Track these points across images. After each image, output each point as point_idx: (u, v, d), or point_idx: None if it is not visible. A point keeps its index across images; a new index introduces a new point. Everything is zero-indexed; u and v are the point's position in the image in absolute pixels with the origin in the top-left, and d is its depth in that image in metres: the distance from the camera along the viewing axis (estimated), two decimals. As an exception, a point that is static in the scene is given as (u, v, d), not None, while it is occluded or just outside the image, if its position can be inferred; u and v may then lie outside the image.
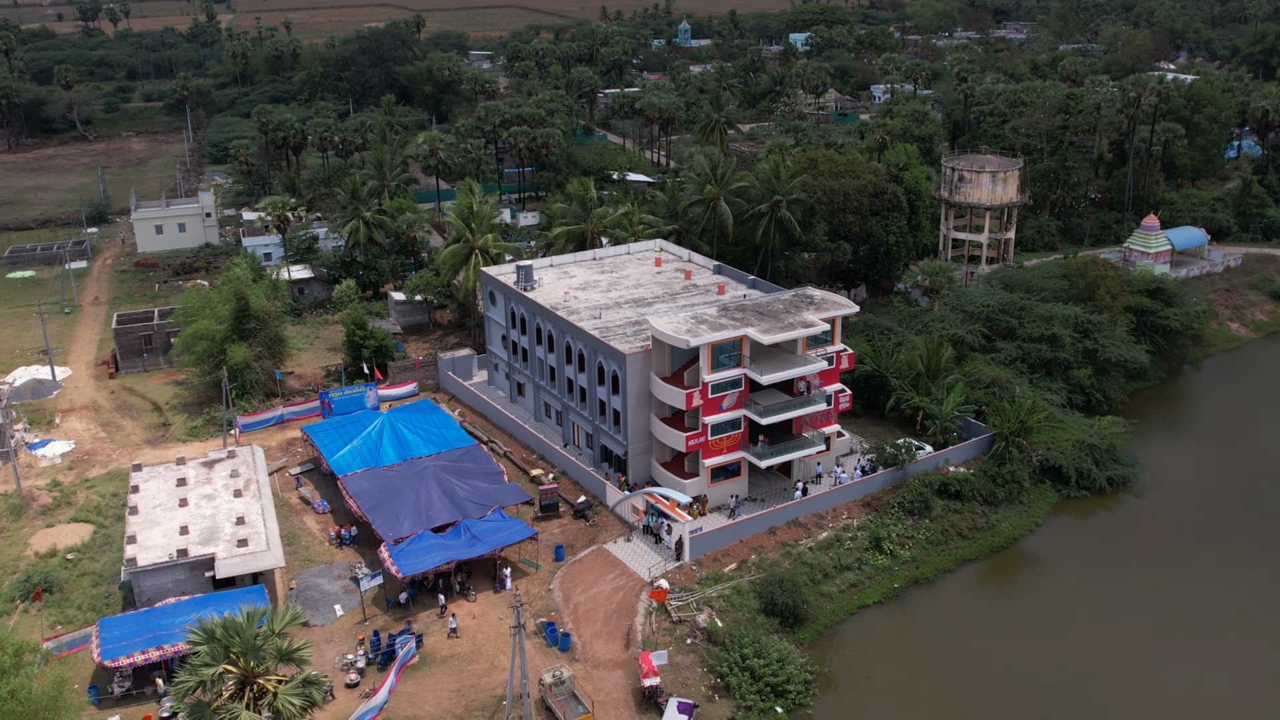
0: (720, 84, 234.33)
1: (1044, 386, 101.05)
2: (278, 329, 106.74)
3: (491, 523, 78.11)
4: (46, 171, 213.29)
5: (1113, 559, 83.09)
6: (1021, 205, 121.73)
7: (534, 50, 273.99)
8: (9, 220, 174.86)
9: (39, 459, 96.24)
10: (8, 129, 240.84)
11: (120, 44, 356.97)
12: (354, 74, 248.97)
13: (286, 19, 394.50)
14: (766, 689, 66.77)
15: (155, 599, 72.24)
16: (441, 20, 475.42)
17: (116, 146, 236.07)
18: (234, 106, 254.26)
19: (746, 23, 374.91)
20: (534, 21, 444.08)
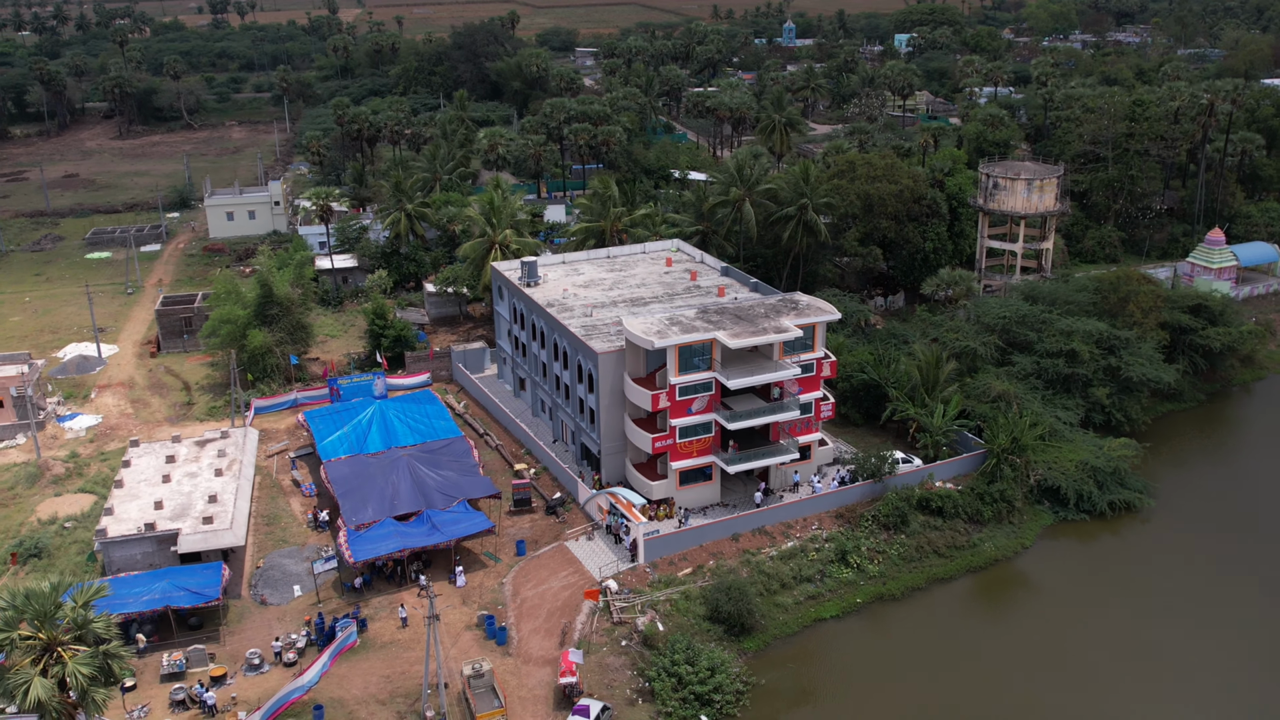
0: (808, 84, 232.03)
1: (1059, 404, 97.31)
2: (300, 316, 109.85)
3: (454, 514, 79.16)
4: (148, 158, 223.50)
5: (1097, 588, 79.56)
6: (1059, 214, 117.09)
7: (628, 48, 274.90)
8: (100, 203, 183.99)
9: (66, 431, 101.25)
10: (121, 117, 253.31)
11: (242, 36, 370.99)
12: (446, 69, 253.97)
13: (399, 15, 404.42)
14: (691, 697, 66.08)
15: (125, 569, 75.55)
16: (557, 16, 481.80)
17: (218, 135, 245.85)
18: (333, 99, 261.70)
19: (856, 23, 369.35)
20: (650, 19, 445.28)
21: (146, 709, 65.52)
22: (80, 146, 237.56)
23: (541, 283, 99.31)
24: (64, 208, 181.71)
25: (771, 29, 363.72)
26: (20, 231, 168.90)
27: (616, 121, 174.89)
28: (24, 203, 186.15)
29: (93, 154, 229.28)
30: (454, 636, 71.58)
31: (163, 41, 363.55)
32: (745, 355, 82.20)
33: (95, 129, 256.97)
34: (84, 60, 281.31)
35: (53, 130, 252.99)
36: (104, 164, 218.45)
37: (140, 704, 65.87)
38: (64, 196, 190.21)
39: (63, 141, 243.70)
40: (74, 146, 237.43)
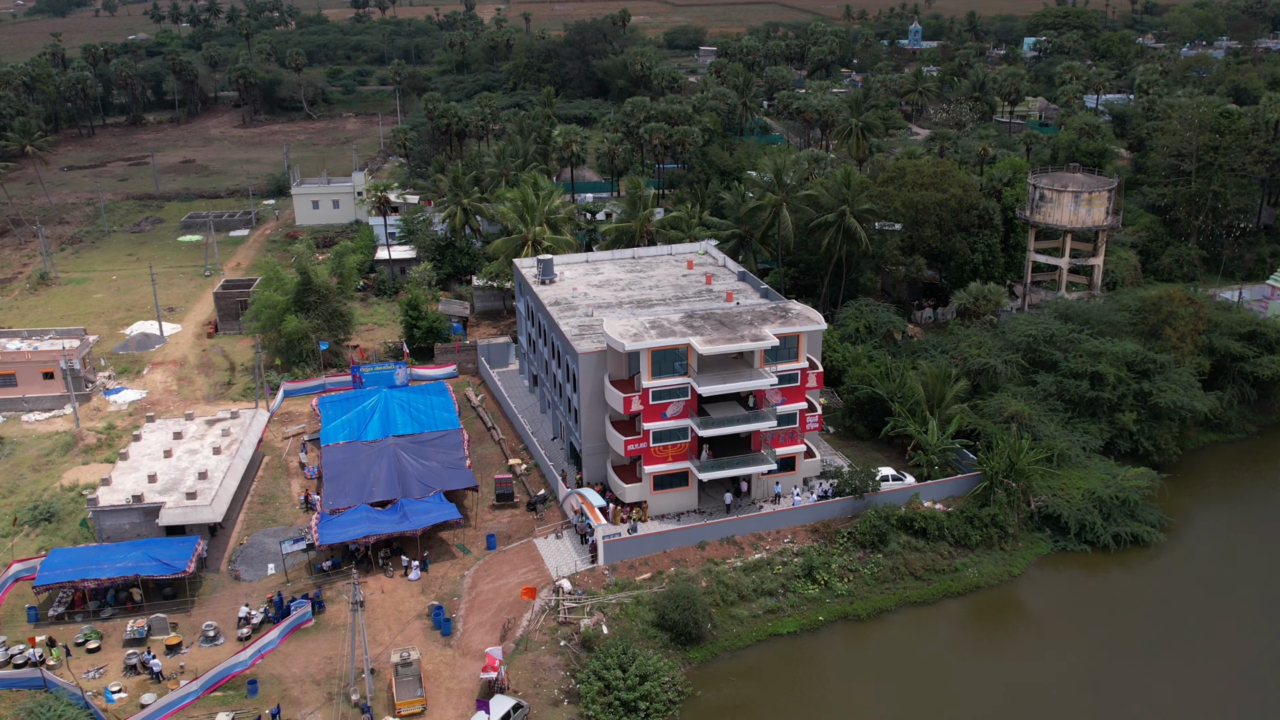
0: (915, 87, 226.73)
1: (1080, 428, 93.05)
2: (337, 304, 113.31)
3: (427, 504, 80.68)
4: (264, 146, 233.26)
5: (1078, 623, 75.97)
6: (1110, 229, 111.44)
7: (740, 48, 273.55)
8: (205, 188, 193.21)
9: (110, 404, 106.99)
10: (247, 107, 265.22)
11: (378, 31, 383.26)
12: (555, 66, 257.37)
13: (528, 11, 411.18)
14: (617, 703, 65.83)
15: (115, 537, 79.58)
16: (694, 15, 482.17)
17: (333, 126, 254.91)
18: (448, 93, 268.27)
19: (990, 25, 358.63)
20: (787, 19, 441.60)
21: (102, 670, 68.94)
22: (205, 134, 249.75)
23: (557, 281, 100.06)
24: (171, 192, 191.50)
25: (899, 30, 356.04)
26: (127, 213, 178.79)
27: (697, 122, 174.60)
28: (138, 186, 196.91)
29: (214, 141, 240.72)
30: (403, 624, 73.05)
31: (303, 34, 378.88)
32: (727, 362, 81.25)
33: (222, 117, 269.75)
34: (219, 51, 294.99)
35: (182, 118, 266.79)
36: (221, 151, 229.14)
37: (99, 665, 69.33)
38: (175, 181, 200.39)
39: (190, 129, 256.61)
40: (199, 134, 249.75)
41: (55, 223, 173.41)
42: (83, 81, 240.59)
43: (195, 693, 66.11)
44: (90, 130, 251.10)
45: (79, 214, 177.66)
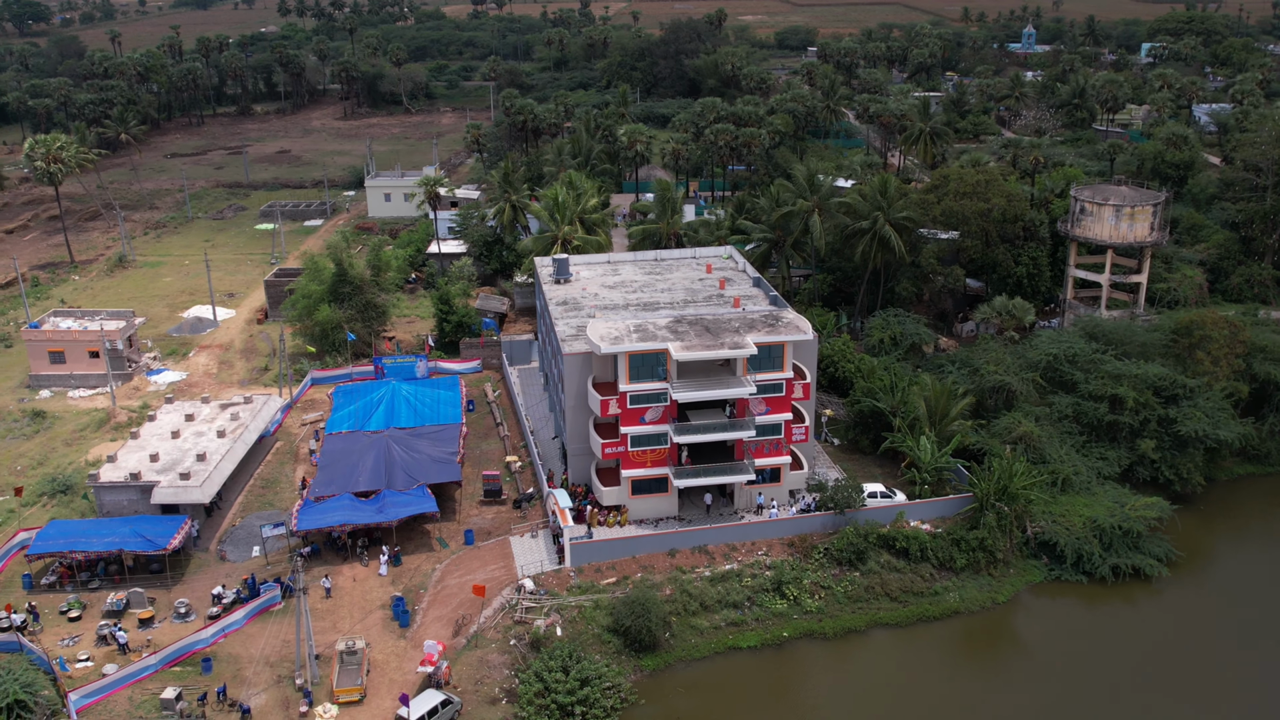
0: (1012, 92, 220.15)
1: (1095, 453, 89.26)
2: (372, 295, 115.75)
3: (408, 496, 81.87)
4: (359, 138, 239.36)
5: (1055, 656, 72.82)
6: (1153, 245, 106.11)
7: (837, 49, 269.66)
8: (292, 178, 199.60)
9: (150, 384, 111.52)
10: (349, 100, 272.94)
11: (491, 26, 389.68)
12: (648, 64, 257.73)
13: (638, 10, 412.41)
14: (553, 705, 65.80)
15: (114, 512, 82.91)
16: (809, 15, 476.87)
17: (429, 120, 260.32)
18: (544, 90, 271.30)
19: (1113, 29, 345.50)
20: (907, 20, 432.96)
21: (77, 639, 72.01)
22: (306, 125, 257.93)
23: (573, 280, 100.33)
24: (259, 180, 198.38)
25: (1013, 34, 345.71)
26: (214, 200, 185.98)
27: (768, 124, 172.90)
28: (231, 174, 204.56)
29: (313, 132, 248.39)
30: (366, 612, 74.36)
31: (418, 29, 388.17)
32: (710, 369, 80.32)
33: (327, 110, 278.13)
34: (330, 46, 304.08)
35: (288, 109, 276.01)
36: (317, 143, 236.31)
37: (75, 634, 72.45)
38: (266, 170, 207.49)
39: (294, 120, 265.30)
40: (300, 125, 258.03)
41: (146, 208, 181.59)
42: (193, 72, 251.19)
43: (154, 666, 68.53)
44: (200, 119, 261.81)
45: (170, 200, 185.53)
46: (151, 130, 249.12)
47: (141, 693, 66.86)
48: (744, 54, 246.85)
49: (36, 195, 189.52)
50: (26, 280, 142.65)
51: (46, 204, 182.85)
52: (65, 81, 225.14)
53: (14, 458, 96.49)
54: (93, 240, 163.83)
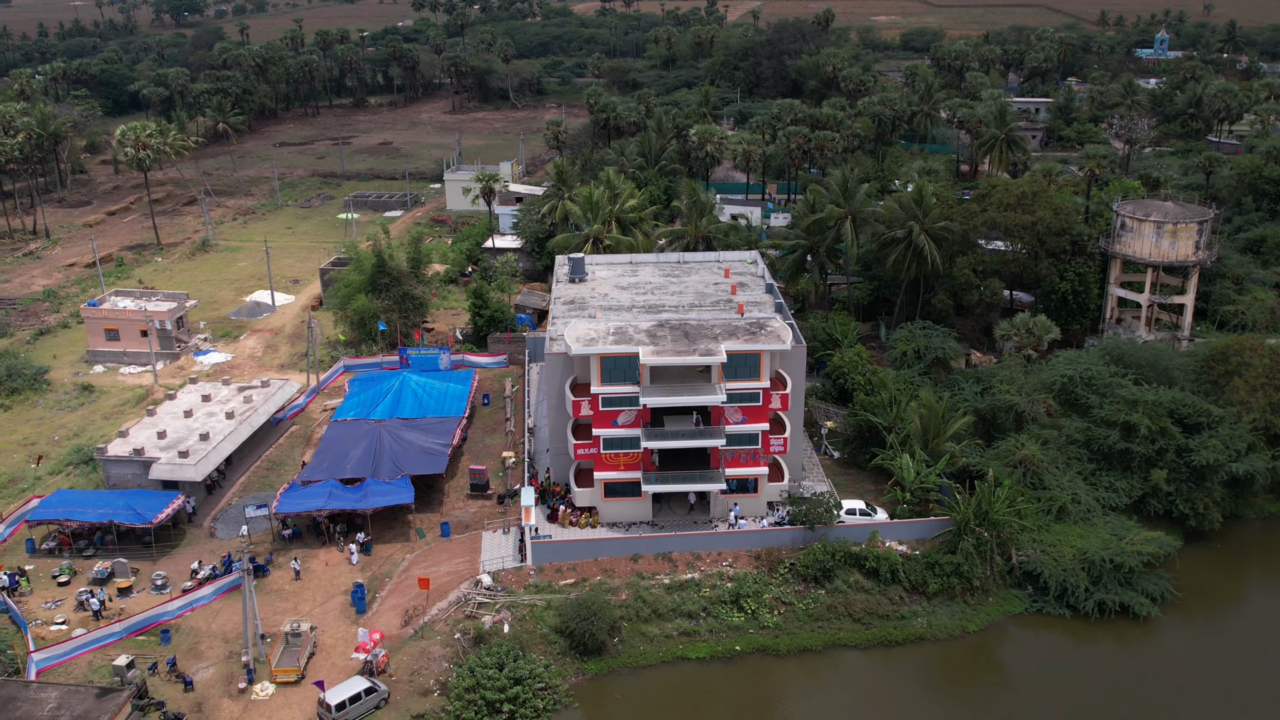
0: (1124, 99, 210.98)
1: (1104, 482, 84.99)
2: (409, 287, 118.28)
3: (390, 485, 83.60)
4: (460, 132, 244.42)
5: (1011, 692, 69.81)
6: (1197, 265, 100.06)
7: (949, 52, 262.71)
8: (385, 170, 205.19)
9: (196, 364, 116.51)
10: (461, 94, 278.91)
11: (615, 24, 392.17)
12: (751, 64, 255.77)
13: (755, 8, 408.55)
14: (481, 700, 66.33)
15: (119, 485, 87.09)
16: (943, 17, 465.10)
17: (533, 116, 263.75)
18: (650, 87, 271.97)
19: (1258, 35, 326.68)
20: (1043, 22, 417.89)
21: (60, 602, 75.93)
22: (415, 118, 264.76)
23: (588, 280, 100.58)
24: (353, 171, 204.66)
25: (1147, 39, 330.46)
26: (306, 190, 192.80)
27: (848, 128, 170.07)
28: (330, 164, 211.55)
29: (419, 125, 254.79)
30: (329, 596, 76.29)
31: (543, 26, 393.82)
32: (689, 375, 79.53)
33: (438, 103, 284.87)
34: (444, 40, 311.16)
35: (401, 102, 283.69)
36: (420, 135, 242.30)
37: (58, 598, 76.41)
38: (363, 161, 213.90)
39: (404, 113, 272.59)
40: (409, 118, 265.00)
41: (242, 195, 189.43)
42: (310, 65, 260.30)
43: (118, 634, 71.78)
44: (316, 110, 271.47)
45: (265, 188, 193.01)
46: (267, 120, 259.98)
47: (102, 658, 70.03)
48: (847, 55, 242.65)
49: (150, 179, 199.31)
50: (112, 260, 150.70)
51: (153, 188, 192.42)
52: (183, 72, 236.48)
53: (55, 428, 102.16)
54: (184, 224, 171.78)
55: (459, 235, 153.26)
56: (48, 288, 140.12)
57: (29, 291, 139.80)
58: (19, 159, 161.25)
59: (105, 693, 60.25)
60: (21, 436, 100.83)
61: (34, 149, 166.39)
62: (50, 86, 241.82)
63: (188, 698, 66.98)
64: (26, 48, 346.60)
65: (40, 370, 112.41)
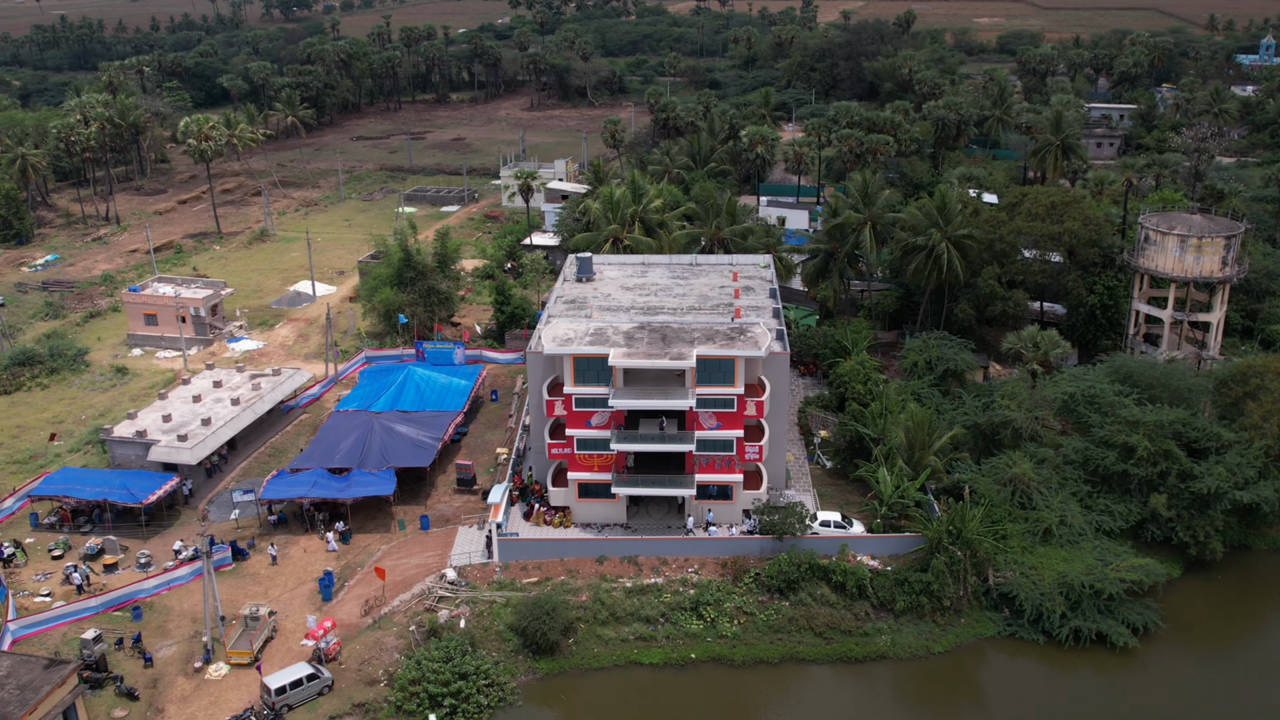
0: (1212, 107, 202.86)
1: (1098, 505, 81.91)
2: (435, 281, 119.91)
3: (374, 476, 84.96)
4: (535, 129, 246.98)
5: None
6: (1223, 282, 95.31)
7: (1035, 55, 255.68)
8: (451, 165, 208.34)
9: (228, 350, 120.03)
10: (541, 92, 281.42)
11: (706, 22, 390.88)
12: (827, 65, 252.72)
13: (848, 9, 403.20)
14: (423, 693, 67.01)
15: (123, 465, 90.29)
16: (1049, 19, 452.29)
17: (607, 113, 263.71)
18: (728, 87, 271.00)
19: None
20: (1152, 26, 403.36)
21: (49, 575, 79.09)
22: (492, 114, 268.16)
23: (595, 279, 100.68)
24: (420, 165, 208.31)
25: (1253, 45, 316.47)
26: (372, 183, 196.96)
27: (906, 132, 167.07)
28: (400, 159, 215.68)
29: (495, 121, 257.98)
30: (300, 583, 77.90)
31: (636, 24, 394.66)
32: (666, 378, 79.05)
33: (517, 100, 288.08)
34: (529, 38, 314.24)
35: (481, 99, 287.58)
36: (495, 131, 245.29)
37: (47, 571, 79.61)
38: (433, 156, 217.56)
39: (483, 109, 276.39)
40: (487, 114, 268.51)
41: (310, 187, 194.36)
42: (393, 60, 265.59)
43: (94, 608, 74.42)
44: (398, 105, 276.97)
45: (333, 180, 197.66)
46: (350, 114, 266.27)
47: (76, 630, 72.67)
48: (925, 58, 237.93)
49: (220, 170, 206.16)
50: (171, 247, 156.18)
51: (226, 178, 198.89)
52: (264, 66, 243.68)
53: (84, 407, 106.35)
54: (248, 214, 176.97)
55: (500, 232, 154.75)
56: (106, 272, 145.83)
57: (89, 275, 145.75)
58: (94, 148, 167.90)
59: (53, 664, 62.39)
60: (52, 415, 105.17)
61: (110, 139, 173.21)
62: (137, 78, 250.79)
63: (146, 673, 69.11)
64: (137, 40, 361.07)
65: (81, 351, 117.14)
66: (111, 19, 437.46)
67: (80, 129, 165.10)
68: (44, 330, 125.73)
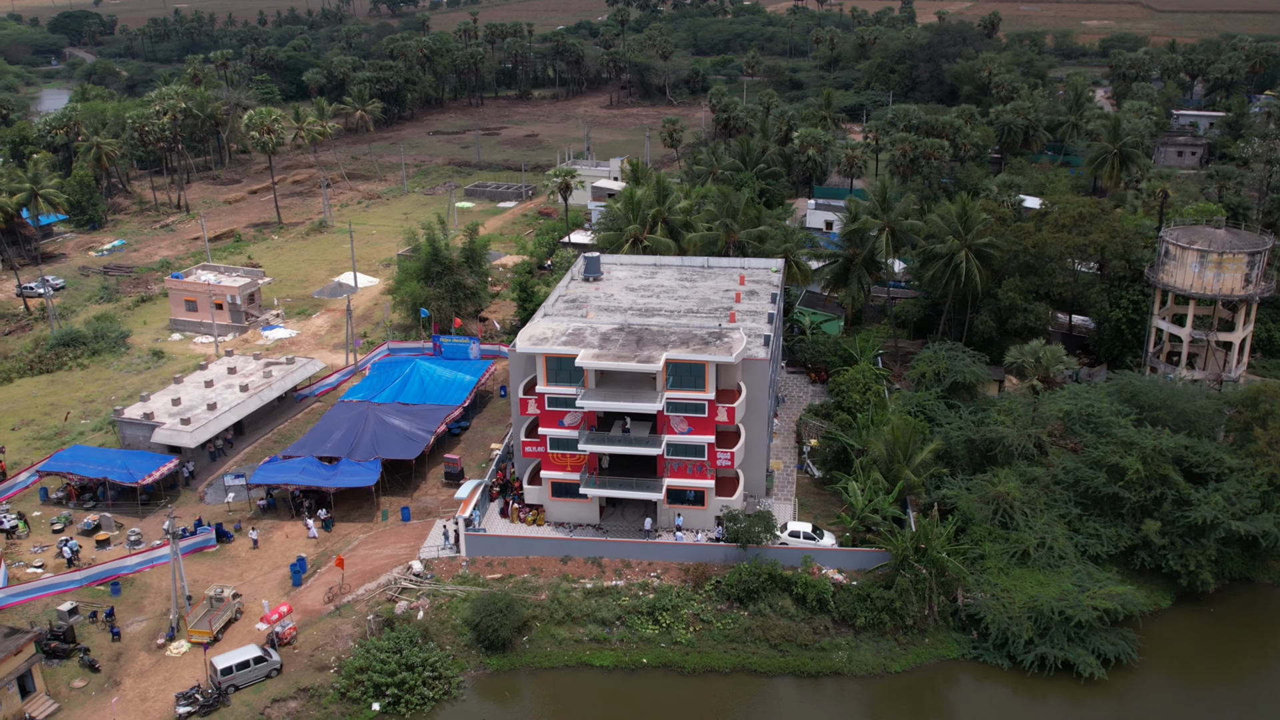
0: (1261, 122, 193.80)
1: (1087, 528, 78.99)
2: (461, 277, 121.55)
3: (361, 467, 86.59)
4: (610, 127, 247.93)
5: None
6: (1244, 300, 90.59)
7: (1126, 60, 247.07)
8: (517, 161, 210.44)
9: (262, 337, 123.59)
10: (624, 90, 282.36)
11: (792, 22, 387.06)
12: (907, 68, 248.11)
13: (942, 9, 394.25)
14: (368, 682, 68.19)
15: (132, 445, 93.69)
16: (1163, 22, 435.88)
17: (685, 113, 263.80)
18: (810, 88, 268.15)
19: None
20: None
21: (46, 548, 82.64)
22: (570, 111, 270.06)
23: (602, 279, 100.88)
24: (488, 161, 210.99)
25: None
26: (438, 177, 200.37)
27: (966, 136, 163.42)
28: (471, 154, 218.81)
29: (571, 119, 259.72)
30: (276, 567, 79.90)
31: (730, 23, 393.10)
32: (639, 381, 78.86)
33: (598, 98, 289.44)
34: (614, 36, 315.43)
35: (562, 96, 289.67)
36: (569, 129, 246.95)
37: (45, 543, 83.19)
38: (503, 152, 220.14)
39: (563, 106, 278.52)
40: (565, 111, 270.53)
41: (377, 180, 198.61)
42: (475, 57, 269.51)
43: (78, 581, 77.49)
44: (480, 101, 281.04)
45: (401, 174, 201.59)
46: (432, 109, 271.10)
47: (59, 602, 75.80)
48: (1006, 60, 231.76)
49: (295, 162, 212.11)
50: (231, 236, 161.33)
51: (299, 170, 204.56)
52: (345, 60, 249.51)
53: (116, 388, 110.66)
54: (313, 206, 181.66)
55: (543, 229, 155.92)
56: (165, 259, 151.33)
57: (149, 261, 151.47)
58: (168, 138, 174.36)
59: (13, 633, 65.37)
60: (85, 394, 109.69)
61: (187, 130, 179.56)
62: (221, 71, 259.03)
63: (113, 647, 71.74)
64: (241, 34, 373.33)
65: (123, 334, 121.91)
66: (223, 13, 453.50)
67: (154, 120, 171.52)
68: (96, 313, 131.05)
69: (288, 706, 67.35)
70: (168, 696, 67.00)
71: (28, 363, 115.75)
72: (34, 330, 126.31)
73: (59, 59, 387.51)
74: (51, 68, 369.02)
